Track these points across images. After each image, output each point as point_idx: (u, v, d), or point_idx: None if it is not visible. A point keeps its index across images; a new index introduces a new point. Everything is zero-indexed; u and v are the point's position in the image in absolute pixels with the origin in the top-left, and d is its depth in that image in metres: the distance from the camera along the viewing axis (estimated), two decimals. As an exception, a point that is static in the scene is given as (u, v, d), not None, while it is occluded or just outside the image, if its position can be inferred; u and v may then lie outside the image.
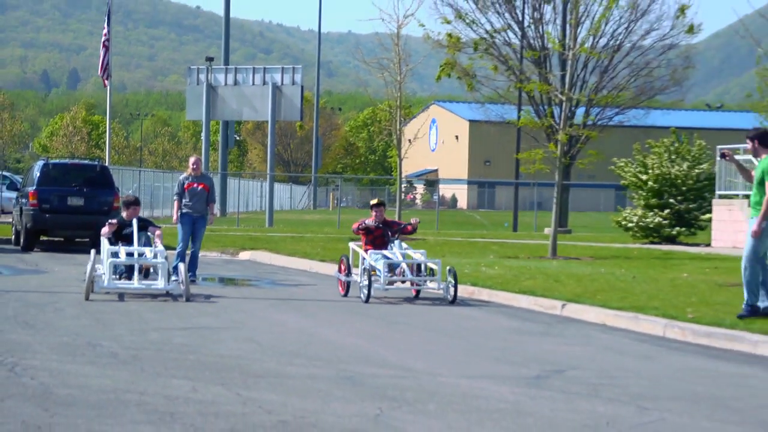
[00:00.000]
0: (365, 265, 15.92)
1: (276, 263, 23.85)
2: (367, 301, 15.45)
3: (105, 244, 16.01)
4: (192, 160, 18.82)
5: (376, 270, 15.95)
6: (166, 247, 16.49)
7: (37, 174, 26.16)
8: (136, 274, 15.42)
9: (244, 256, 25.73)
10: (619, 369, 10.20)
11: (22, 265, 21.28)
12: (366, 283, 15.50)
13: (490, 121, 47.82)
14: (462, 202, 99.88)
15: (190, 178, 18.47)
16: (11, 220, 30.12)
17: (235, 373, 9.21)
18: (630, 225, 33.16)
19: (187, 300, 15.01)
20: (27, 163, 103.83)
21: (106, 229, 16.36)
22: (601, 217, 61.74)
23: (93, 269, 15.03)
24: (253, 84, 43.37)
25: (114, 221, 16.64)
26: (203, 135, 49.25)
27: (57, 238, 27.37)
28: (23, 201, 26.26)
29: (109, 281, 15.22)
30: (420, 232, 16.32)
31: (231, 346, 10.93)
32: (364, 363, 10.09)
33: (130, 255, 15.69)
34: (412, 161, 76.89)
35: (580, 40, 25.32)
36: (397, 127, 31.50)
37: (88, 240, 25.53)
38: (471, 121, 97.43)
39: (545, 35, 41.44)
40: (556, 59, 38.64)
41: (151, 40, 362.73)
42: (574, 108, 39.22)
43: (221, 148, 55.58)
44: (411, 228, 17.04)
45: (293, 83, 42.63)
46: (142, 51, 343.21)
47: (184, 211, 18.36)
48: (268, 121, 44.64)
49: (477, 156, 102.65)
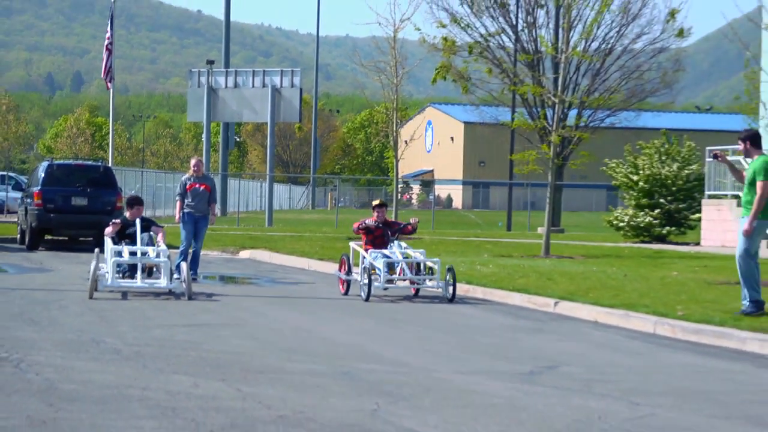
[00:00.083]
0: (365, 264, 15.94)
1: (275, 262, 23.91)
2: (367, 300, 15.49)
3: (109, 243, 16.06)
4: (194, 162, 18.94)
5: (376, 269, 15.99)
6: (169, 247, 16.56)
7: (42, 174, 26.30)
8: (139, 272, 15.46)
9: (244, 254, 25.81)
10: (610, 365, 10.25)
11: (28, 264, 21.36)
12: (366, 281, 15.53)
13: (484, 123, 48.05)
14: (457, 202, 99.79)
15: (192, 179, 18.57)
16: (16, 219, 30.20)
17: (235, 369, 9.28)
18: (621, 224, 33.32)
19: (189, 298, 15.07)
20: (32, 163, 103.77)
21: (109, 229, 16.46)
22: (593, 217, 61.64)
23: (97, 268, 15.06)
24: (252, 86, 43.42)
25: (117, 221, 16.76)
26: (204, 136, 49.27)
27: (61, 238, 27.43)
28: (28, 201, 26.32)
29: (113, 280, 15.31)
30: (416, 231, 16.45)
31: (231, 342, 11.00)
32: (361, 359, 10.16)
33: (133, 254, 15.74)
34: (409, 162, 76.80)
35: (572, 43, 25.47)
36: (394, 128, 31.53)
37: (91, 239, 25.57)
38: (466, 122, 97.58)
39: (538, 39, 41.59)
40: (549, 62, 38.72)
41: (153, 44, 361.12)
42: (566, 110, 39.48)
43: (222, 150, 55.57)
44: (411, 228, 17.11)
45: (292, 86, 42.72)
46: (145, 54, 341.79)
47: (187, 210, 18.46)
48: (267, 122, 44.71)
49: (472, 157, 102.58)
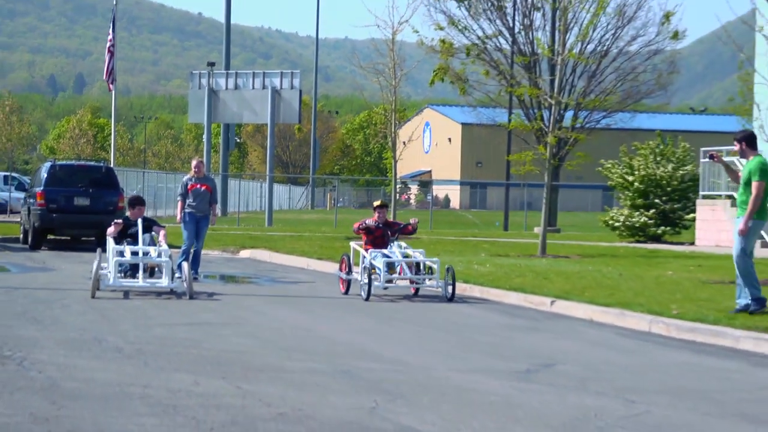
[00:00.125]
0: (365, 264, 16.01)
1: (275, 261, 23.98)
2: (367, 299, 15.53)
3: (110, 243, 16.13)
4: (195, 163, 19.05)
5: (376, 268, 16.05)
6: (170, 246, 16.64)
7: (45, 175, 26.41)
8: (140, 272, 15.53)
9: (245, 254, 25.88)
10: (606, 363, 10.29)
11: (30, 263, 21.44)
12: (366, 281, 15.58)
13: (481, 124, 48.16)
14: (455, 202, 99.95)
15: (194, 180, 18.69)
16: (19, 219, 30.31)
17: (235, 367, 9.34)
18: (617, 224, 33.49)
19: (190, 297, 15.15)
20: (35, 164, 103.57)
21: (111, 229, 16.54)
22: (588, 217, 61.80)
23: (99, 267, 15.13)
24: (253, 88, 43.54)
25: (119, 221, 16.84)
26: (205, 137, 49.34)
27: (64, 237, 27.54)
28: (31, 201, 26.43)
29: (115, 279, 15.41)
30: (416, 231, 16.55)
31: (232, 341, 11.07)
32: (361, 358, 10.22)
33: (135, 254, 15.82)
34: (407, 163, 77.00)
35: (568, 45, 25.55)
36: (392, 129, 31.59)
37: (93, 239, 25.67)
38: (463, 123, 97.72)
39: (535, 41, 41.76)
40: (546, 64, 38.89)
41: (154, 46, 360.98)
42: (562, 111, 39.39)
43: (222, 150, 55.64)
44: (411, 228, 17.19)
45: (292, 87, 42.85)
46: (146, 56, 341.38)
47: (188, 211, 18.60)
48: (267, 123, 44.80)
49: (469, 157, 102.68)
